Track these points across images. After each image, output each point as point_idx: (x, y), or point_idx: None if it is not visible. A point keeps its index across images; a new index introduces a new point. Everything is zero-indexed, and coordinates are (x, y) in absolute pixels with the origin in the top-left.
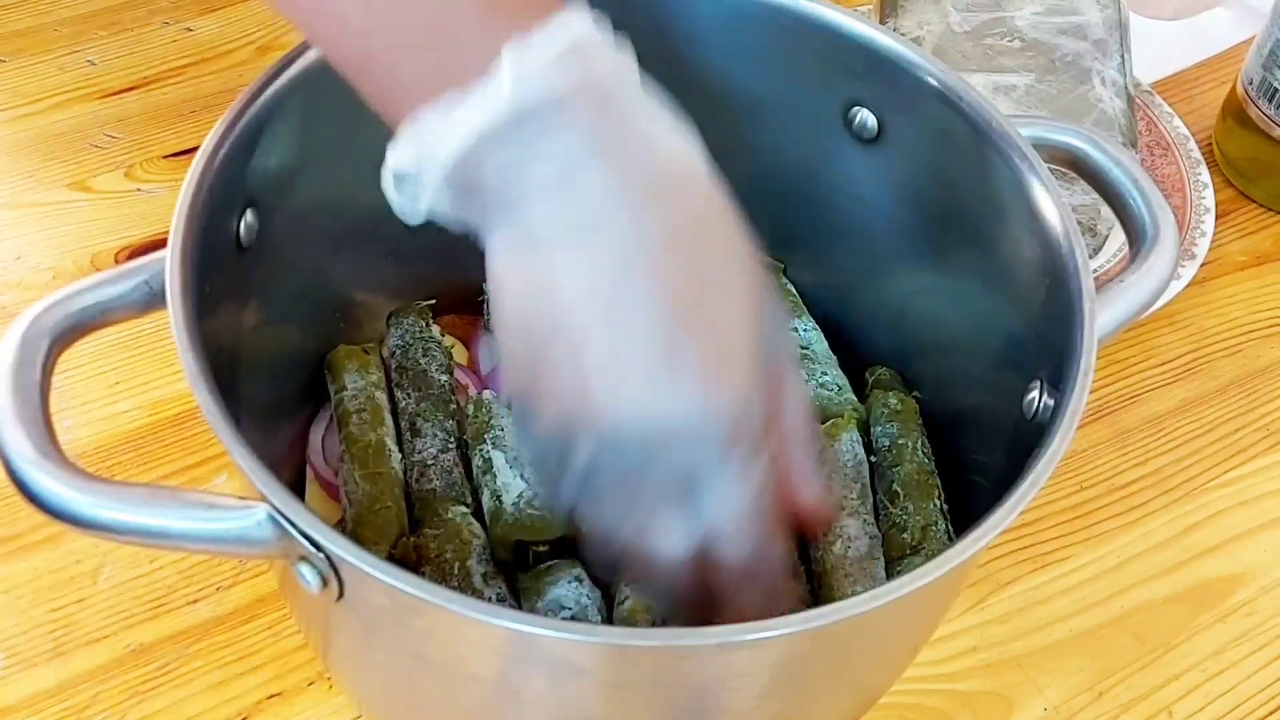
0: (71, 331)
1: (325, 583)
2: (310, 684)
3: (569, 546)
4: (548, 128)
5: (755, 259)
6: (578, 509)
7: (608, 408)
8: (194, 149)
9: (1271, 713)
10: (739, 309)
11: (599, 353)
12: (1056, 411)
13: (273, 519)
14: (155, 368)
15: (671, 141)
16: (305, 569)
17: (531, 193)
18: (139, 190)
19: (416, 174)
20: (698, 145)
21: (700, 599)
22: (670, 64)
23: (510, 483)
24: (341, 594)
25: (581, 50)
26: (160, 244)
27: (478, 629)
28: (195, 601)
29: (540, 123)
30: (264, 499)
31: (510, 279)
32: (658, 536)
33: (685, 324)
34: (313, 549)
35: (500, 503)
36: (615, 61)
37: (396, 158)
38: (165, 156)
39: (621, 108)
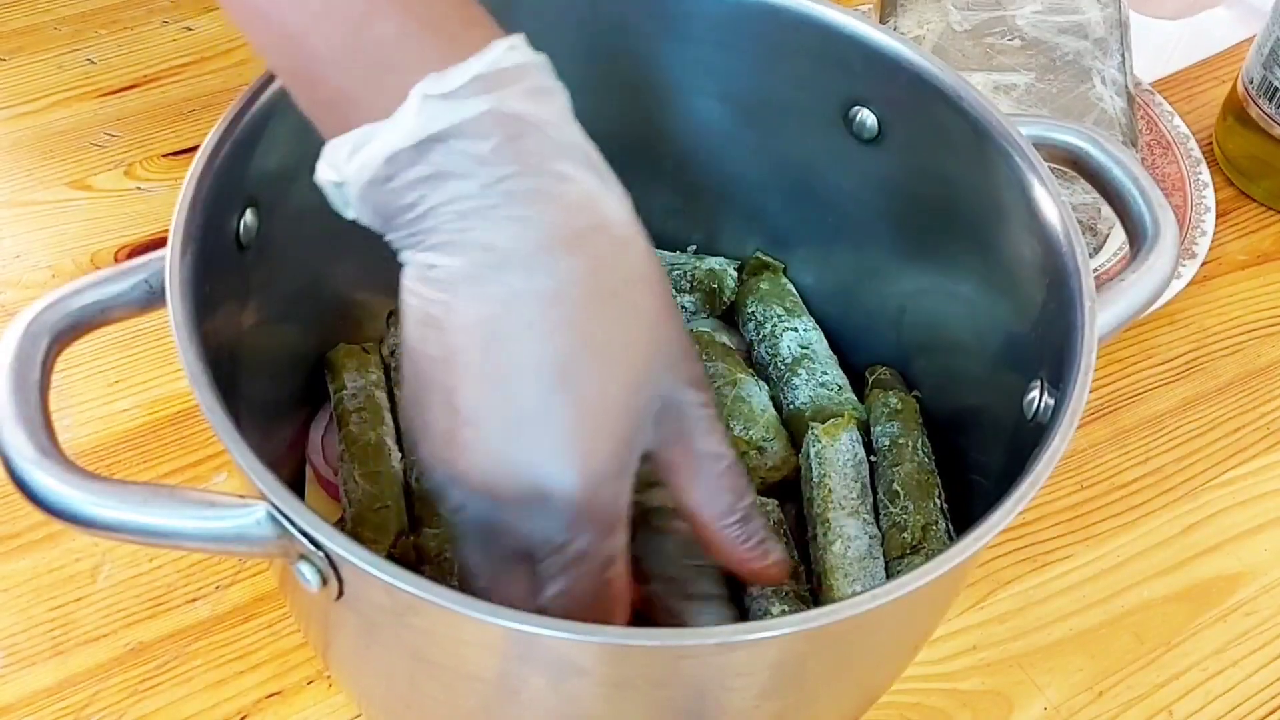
0: (71, 330)
1: (325, 581)
2: (310, 683)
3: None
4: (454, 154)
5: (663, 314)
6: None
7: (466, 463)
8: (194, 148)
9: (1272, 712)
10: (622, 377)
11: (468, 404)
12: (1057, 411)
13: (272, 517)
14: (154, 366)
15: (586, 186)
16: (305, 568)
17: (438, 222)
18: (139, 189)
19: (340, 186)
20: (618, 191)
21: None
22: (673, 62)
23: None
24: (341, 593)
25: (498, 82)
26: (160, 243)
27: (477, 628)
28: (194, 600)
29: (447, 148)
30: (264, 497)
31: (410, 305)
32: (502, 596)
33: (556, 388)
34: (312, 547)
35: None
36: (537, 95)
37: (323, 172)
38: (165, 155)
39: (537, 144)
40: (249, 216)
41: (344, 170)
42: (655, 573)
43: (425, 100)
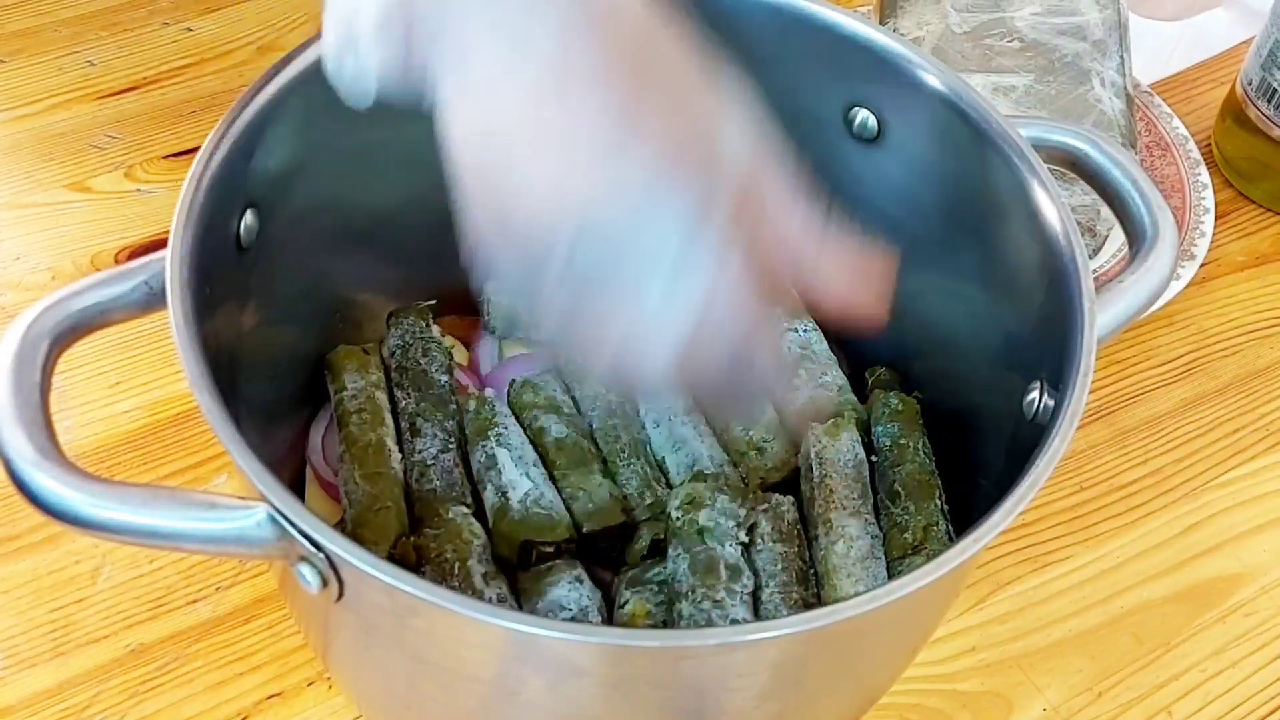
0: (71, 332)
1: (325, 583)
2: (310, 684)
3: (570, 548)
4: None
5: (713, 75)
6: (566, 323)
7: (572, 195)
8: (194, 149)
9: (1271, 713)
10: (697, 97)
11: (552, 153)
12: (1056, 412)
13: (272, 519)
14: (155, 368)
15: None
16: (305, 569)
17: (467, 25)
18: (139, 190)
19: (352, 33)
20: None
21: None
22: None
23: (516, 480)
24: (341, 594)
25: None
26: (160, 244)
27: (478, 629)
28: (195, 602)
29: None
30: (264, 499)
31: (458, 123)
32: (645, 335)
33: (636, 104)
34: (312, 549)
35: (506, 500)
36: None
37: (330, 19)
38: (165, 157)
39: None
40: (249, 218)
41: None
42: (691, 592)
43: None
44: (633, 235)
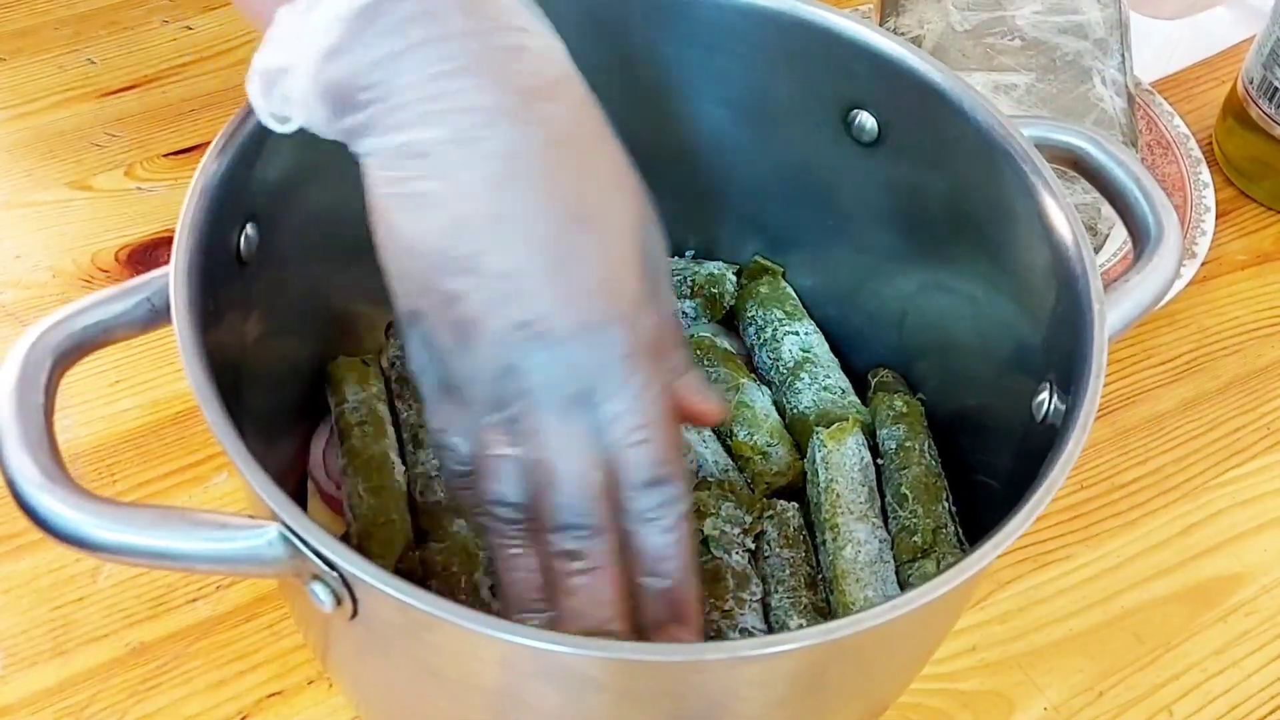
0: (74, 351)
1: (339, 601)
2: (310, 683)
3: None
4: (418, 16)
5: (628, 166)
6: (483, 444)
7: (508, 319)
8: (194, 147)
9: (1271, 712)
10: (626, 217)
11: (494, 268)
12: (1068, 415)
13: (284, 538)
14: (155, 366)
15: (546, 38)
16: (318, 588)
17: (405, 100)
18: (139, 189)
19: (285, 73)
20: (563, 48)
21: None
22: (671, 66)
23: None
24: (355, 613)
25: None
26: (160, 242)
27: (494, 645)
28: (195, 600)
29: (402, 10)
30: (275, 517)
31: (389, 195)
32: (562, 456)
33: (576, 231)
34: (326, 568)
35: None
36: None
37: (264, 60)
38: (165, 155)
39: (489, 6)
40: (249, 231)
41: (300, 49)
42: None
43: None
44: (562, 370)
